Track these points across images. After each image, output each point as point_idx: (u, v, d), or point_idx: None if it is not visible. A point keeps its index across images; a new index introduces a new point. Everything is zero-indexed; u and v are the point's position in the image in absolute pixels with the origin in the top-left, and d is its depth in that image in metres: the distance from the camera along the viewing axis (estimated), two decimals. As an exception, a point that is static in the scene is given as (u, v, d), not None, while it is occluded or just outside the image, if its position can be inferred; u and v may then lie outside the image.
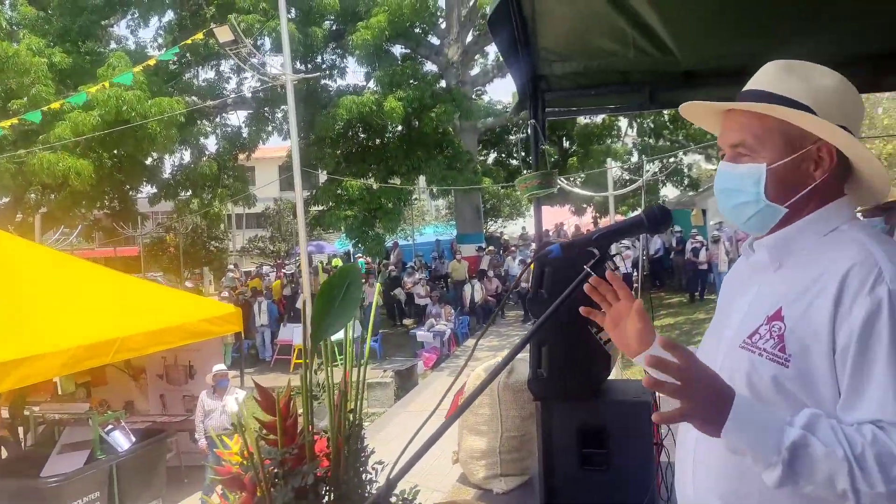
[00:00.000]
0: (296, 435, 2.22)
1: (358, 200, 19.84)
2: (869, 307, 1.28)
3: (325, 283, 2.19)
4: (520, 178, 4.76)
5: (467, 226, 25.22)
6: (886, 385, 1.25)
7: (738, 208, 1.48)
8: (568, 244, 1.55)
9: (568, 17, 4.30)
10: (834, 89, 1.46)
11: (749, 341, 1.42)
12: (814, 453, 1.20)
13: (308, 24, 20.16)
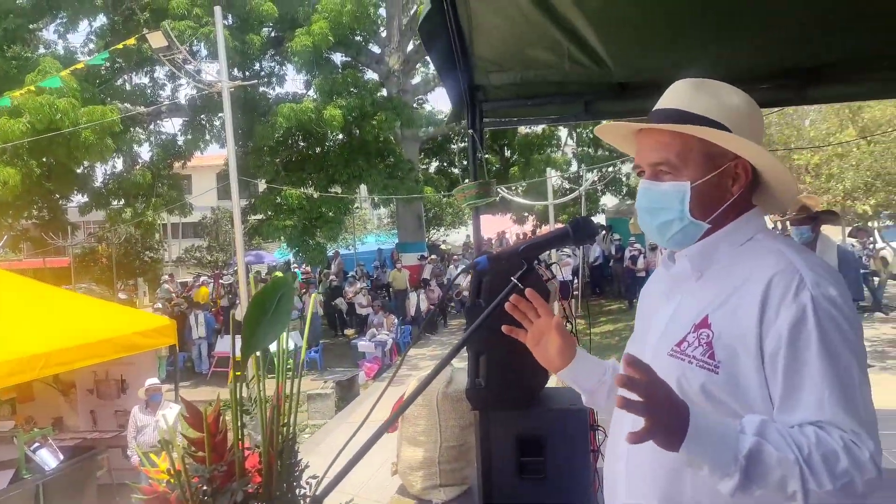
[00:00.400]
0: (225, 451, 2.16)
1: (298, 209, 19.63)
2: (795, 313, 1.33)
3: (256, 295, 2.15)
4: (458, 187, 4.77)
5: (409, 235, 25.19)
6: (821, 387, 1.29)
7: (663, 226, 1.51)
8: (495, 256, 1.55)
9: (504, 27, 4.33)
10: (743, 107, 1.51)
11: (678, 349, 1.44)
12: (768, 459, 1.23)
13: (245, 30, 19.90)
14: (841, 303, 1.35)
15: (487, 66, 4.61)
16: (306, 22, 19.91)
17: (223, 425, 2.22)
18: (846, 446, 1.25)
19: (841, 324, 1.33)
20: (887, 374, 10.38)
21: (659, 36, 4.29)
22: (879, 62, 4.46)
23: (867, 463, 1.25)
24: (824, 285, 1.36)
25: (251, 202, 22.56)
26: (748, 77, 4.51)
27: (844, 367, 1.31)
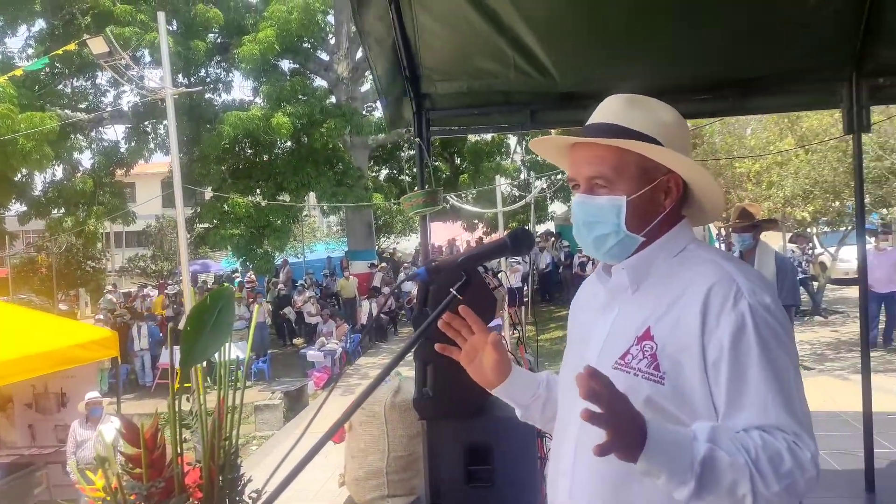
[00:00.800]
0: (164, 467, 2.11)
1: (245, 218, 19.38)
2: (735, 321, 1.36)
3: (195, 307, 2.11)
4: (406, 196, 4.77)
5: (359, 242, 25.07)
6: (764, 392, 1.34)
7: (599, 239, 1.52)
8: (434, 267, 1.55)
9: (450, 37, 4.36)
10: (673, 123, 1.54)
11: (622, 362, 1.45)
12: (720, 465, 1.25)
13: (190, 36, 19.62)
14: (775, 310, 1.40)
15: (434, 75, 4.63)
16: (253, 29, 19.72)
17: (162, 440, 2.17)
18: (789, 448, 1.29)
19: (777, 330, 1.38)
20: (826, 376, 10.67)
21: (603, 47, 4.37)
22: (810, 75, 4.61)
23: (808, 463, 1.29)
24: (759, 294, 1.40)
25: (197, 210, 22.20)
26: (688, 88, 4.63)
27: (783, 372, 1.36)
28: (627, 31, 4.26)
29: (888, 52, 4.42)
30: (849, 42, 4.41)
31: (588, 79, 4.56)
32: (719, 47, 4.37)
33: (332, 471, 4.62)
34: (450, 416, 3.53)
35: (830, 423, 6.58)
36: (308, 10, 19.49)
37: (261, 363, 16.80)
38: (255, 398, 13.51)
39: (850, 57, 4.49)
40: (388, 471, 4.08)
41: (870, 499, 4.78)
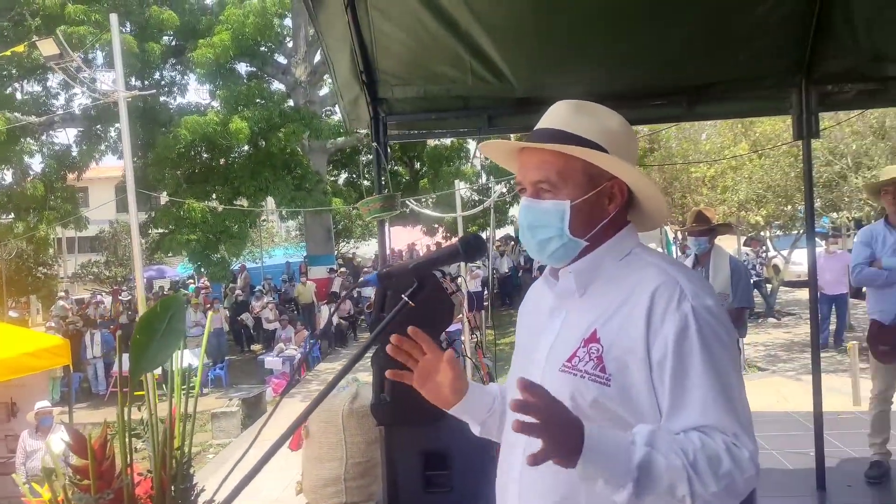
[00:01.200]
0: (113, 478, 2.07)
1: (201, 223, 19.12)
2: (678, 322, 1.39)
3: (145, 315, 2.07)
4: (363, 200, 4.75)
5: (318, 247, 24.89)
6: (705, 393, 1.36)
7: (543, 243, 1.53)
8: (385, 274, 1.54)
9: (407, 42, 4.36)
10: (619, 130, 1.55)
11: (569, 365, 1.47)
12: (658, 468, 1.28)
13: (145, 39, 19.33)
14: (717, 312, 1.43)
15: (391, 79, 4.63)
16: (208, 32, 19.50)
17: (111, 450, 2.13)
18: (728, 448, 1.32)
19: (719, 332, 1.41)
20: (779, 377, 10.88)
21: (559, 53, 4.41)
22: (761, 82, 4.70)
23: (746, 462, 1.32)
24: (702, 296, 1.43)
25: (152, 215, 21.85)
26: (642, 93, 4.69)
27: (724, 373, 1.39)
28: (583, 37, 4.31)
29: (836, 59, 4.53)
30: (798, 50, 4.51)
31: (545, 84, 4.59)
32: (672, 54, 4.44)
33: (289, 478, 4.57)
34: (407, 422, 3.52)
35: (783, 423, 6.70)
36: (264, 14, 19.34)
37: (218, 370, 16.57)
38: (212, 405, 13.32)
39: (800, 64, 4.59)
40: (346, 477, 4.06)
41: (821, 496, 4.87)
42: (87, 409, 15.14)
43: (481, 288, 18.87)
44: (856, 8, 4.25)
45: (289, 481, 4.60)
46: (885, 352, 4.94)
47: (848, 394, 8.36)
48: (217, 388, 16.02)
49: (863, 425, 5.37)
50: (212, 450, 11.62)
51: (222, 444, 11.77)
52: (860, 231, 5.49)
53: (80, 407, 14.95)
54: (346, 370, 1.47)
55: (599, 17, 4.18)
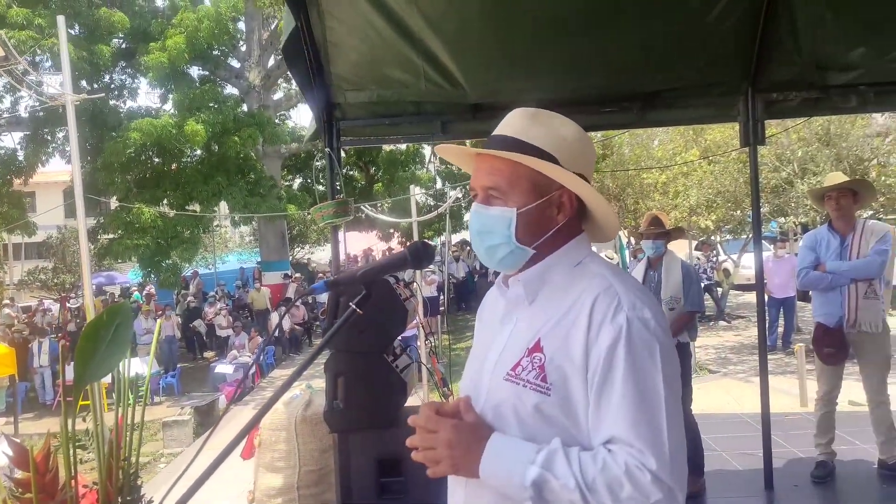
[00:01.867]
0: (57, 491, 2.02)
1: (151, 228, 18.79)
2: (612, 334, 1.39)
3: (90, 323, 2.03)
4: (316, 206, 4.71)
5: (272, 253, 24.66)
6: (621, 406, 1.36)
7: (492, 249, 1.55)
8: (333, 282, 1.54)
9: (360, 47, 4.35)
10: (573, 139, 1.56)
11: (513, 373, 1.48)
12: (553, 487, 1.33)
13: (94, 41, 18.95)
14: (654, 325, 1.42)
15: (344, 84, 4.61)
16: (160, 35, 19.20)
17: (54, 462, 2.08)
18: (628, 471, 1.32)
19: (652, 345, 1.40)
20: (729, 379, 11.08)
21: (512, 60, 4.44)
22: (710, 90, 4.80)
23: (648, 486, 1.32)
24: (640, 308, 1.43)
25: (100, 221, 21.41)
26: (594, 101, 4.76)
27: (648, 388, 1.38)
28: (535, 45, 4.35)
29: (781, 68, 4.64)
30: (744, 59, 4.62)
31: (498, 90, 4.62)
32: (623, 61, 4.51)
33: (241, 488, 4.50)
34: (361, 428, 3.50)
35: (733, 425, 6.82)
36: (218, 18, 19.12)
37: (170, 378, 16.30)
38: (164, 414, 13.08)
39: (746, 73, 4.70)
40: (299, 485, 4.02)
41: (768, 496, 4.97)
42: (33, 419, 14.75)
43: (437, 293, 18.88)
44: (799, 19, 4.37)
45: (240, 490, 4.53)
46: (829, 354, 5.06)
47: (795, 395, 8.55)
48: (169, 396, 15.74)
49: (809, 426, 5.50)
50: (163, 459, 11.40)
51: (174, 453, 11.56)
52: (805, 236, 5.62)
53: (26, 417, 14.56)
54: (294, 377, 1.45)
55: (552, 25, 4.22)
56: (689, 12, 4.24)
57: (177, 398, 15.33)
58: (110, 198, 20.34)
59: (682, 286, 5.13)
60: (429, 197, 27.24)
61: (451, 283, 21.43)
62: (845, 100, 4.81)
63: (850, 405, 6.77)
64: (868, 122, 13.93)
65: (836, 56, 4.53)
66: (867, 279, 4.96)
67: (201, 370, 18.10)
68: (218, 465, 1.50)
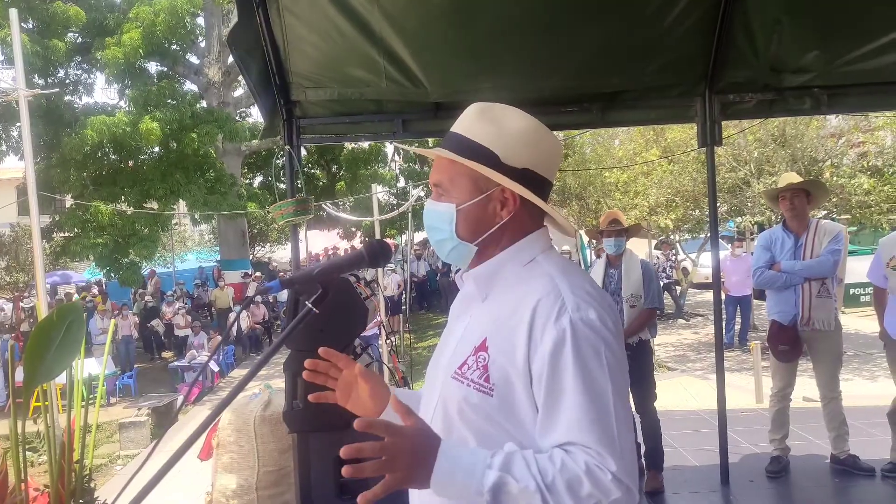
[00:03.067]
0: (6, 494, 1.97)
1: (109, 227, 18.45)
2: (555, 336, 1.37)
3: (40, 324, 1.99)
4: (276, 204, 4.68)
5: (232, 251, 24.40)
6: (573, 409, 1.35)
7: (439, 244, 1.57)
8: (288, 280, 1.52)
9: (320, 44, 4.33)
10: (524, 132, 1.53)
11: (459, 372, 1.47)
12: (511, 491, 1.29)
13: (48, 35, 18.55)
14: (599, 326, 1.40)
15: (304, 82, 4.58)
16: (116, 29, 18.86)
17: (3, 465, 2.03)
18: (588, 470, 1.31)
19: (598, 347, 1.38)
20: (687, 376, 11.24)
21: (472, 59, 4.46)
22: (668, 91, 4.86)
23: (609, 484, 1.31)
24: (584, 308, 1.40)
25: (56, 219, 20.97)
26: (554, 100, 4.79)
27: (597, 389, 1.36)
28: (496, 45, 4.37)
29: (737, 70, 4.72)
30: (702, 60, 4.69)
31: (459, 89, 4.63)
32: (583, 62, 4.55)
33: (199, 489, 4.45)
34: (320, 428, 3.48)
35: (690, 422, 6.92)
36: (175, 12, 18.82)
37: (126, 378, 16.03)
38: (121, 415, 12.86)
39: (703, 75, 4.77)
40: (258, 486, 3.98)
41: (724, 492, 5.06)
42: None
43: (398, 292, 18.86)
44: (755, 22, 4.45)
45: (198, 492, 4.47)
46: (784, 351, 5.16)
47: (751, 391, 8.71)
48: (126, 396, 15.49)
49: (764, 422, 5.61)
50: (119, 461, 11.21)
51: (131, 455, 11.37)
52: (760, 235, 5.72)
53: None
54: (250, 376, 1.44)
55: (513, 25, 4.24)
56: (649, 14, 4.29)
57: (134, 399, 15.09)
58: (66, 195, 19.94)
59: (643, 284, 5.20)
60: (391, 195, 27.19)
61: (412, 281, 21.43)
62: (800, 102, 4.91)
63: (803, 401, 6.92)
64: (822, 124, 14.22)
65: (791, 59, 4.61)
66: (820, 278, 5.06)
67: (159, 371, 17.85)
68: (172, 466, 1.47)
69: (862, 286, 14.75)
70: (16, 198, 26.21)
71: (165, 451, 1.67)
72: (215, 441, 4.10)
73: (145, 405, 13.00)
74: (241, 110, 24.86)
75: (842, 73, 4.65)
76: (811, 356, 5.26)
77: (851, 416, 5.35)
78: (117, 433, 11.88)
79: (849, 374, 9.69)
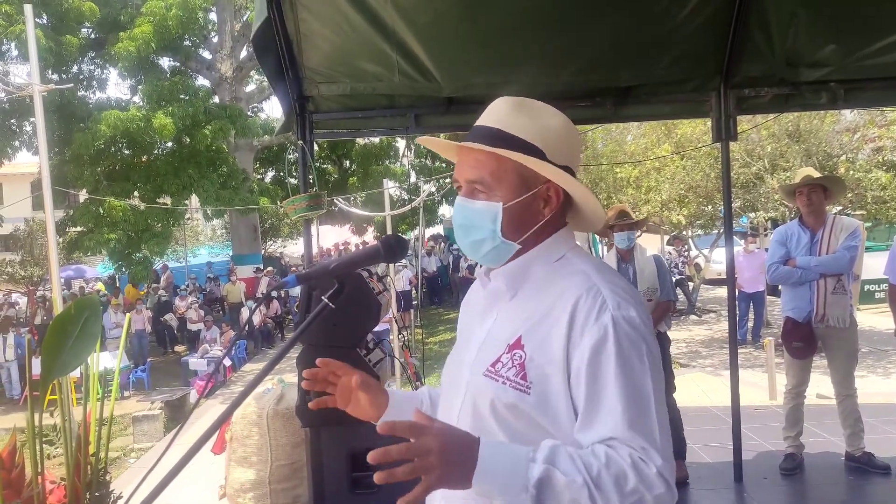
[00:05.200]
0: (23, 487, 1.99)
1: (122, 222, 18.55)
2: (596, 334, 1.37)
3: (57, 318, 1.99)
4: (288, 199, 4.68)
5: (244, 246, 24.49)
6: (616, 405, 1.34)
7: (476, 244, 1.51)
8: (304, 275, 1.51)
9: (333, 39, 4.32)
10: (559, 129, 1.51)
11: (492, 370, 1.45)
12: (557, 485, 1.25)
13: (62, 31, 18.64)
14: (639, 323, 1.40)
15: (317, 77, 4.58)
16: (130, 24, 18.93)
17: (20, 458, 2.04)
18: (634, 464, 1.30)
19: (638, 344, 1.38)
20: (699, 372, 11.20)
21: (485, 53, 4.44)
22: (682, 85, 4.83)
23: (654, 478, 1.30)
24: (625, 307, 1.40)
25: (69, 213, 21.09)
26: (567, 95, 4.76)
27: (639, 386, 1.36)
28: (509, 39, 4.34)
29: (753, 65, 4.68)
30: (716, 55, 4.65)
31: (472, 84, 4.61)
32: (595, 56, 4.53)
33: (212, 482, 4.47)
34: (333, 422, 3.48)
35: (703, 418, 6.89)
36: (187, 7, 18.87)
37: (140, 372, 16.15)
38: (134, 409, 12.95)
39: (718, 69, 4.73)
40: (271, 480, 4.00)
41: (738, 489, 5.03)
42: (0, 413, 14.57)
43: (409, 287, 18.88)
44: (771, 16, 4.41)
45: (212, 485, 4.50)
46: (798, 348, 5.13)
47: (764, 388, 8.67)
48: (139, 390, 15.59)
49: (778, 419, 5.57)
50: (133, 454, 11.29)
51: (144, 448, 11.45)
52: (776, 230, 5.68)
53: (-10, 413, 14.41)
54: (265, 371, 1.43)
55: (526, 19, 4.22)
56: (663, 8, 4.26)
57: (147, 392, 15.19)
58: (79, 190, 20.05)
59: (658, 277, 5.19)
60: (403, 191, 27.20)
61: (423, 277, 21.43)
62: (816, 96, 4.86)
63: (818, 398, 6.87)
64: (837, 119, 14.11)
65: (808, 53, 4.57)
66: (836, 274, 5.02)
67: (172, 364, 17.96)
68: (188, 460, 1.47)
69: (877, 283, 14.65)
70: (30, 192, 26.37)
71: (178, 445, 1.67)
72: (228, 435, 4.12)
73: (158, 399, 13.09)
74: (253, 105, 24.93)
75: (858, 68, 4.60)
76: (826, 353, 5.21)
77: (866, 413, 5.31)
78: (131, 426, 11.97)
79: (863, 371, 9.63)
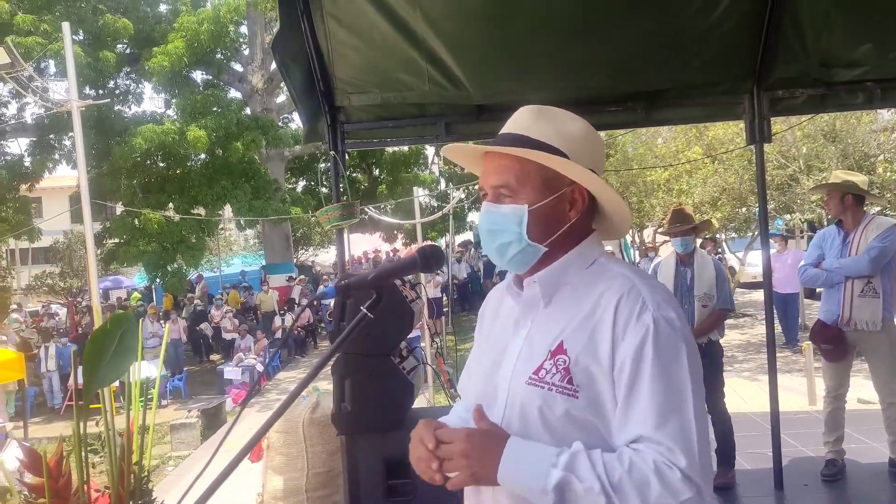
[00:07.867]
0: (70, 495, 2.03)
1: (157, 233, 18.84)
2: (638, 332, 1.39)
3: (96, 332, 2.03)
4: (322, 209, 4.72)
5: (277, 255, 24.73)
6: (648, 404, 1.35)
7: (502, 248, 1.53)
8: (343, 286, 1.53)
9: (363, 49, 4.36)
10: (581, 134, 1.54)
11: (536, 377, 1.45)
12: (576, 490, 1.30)
13: (99, 47, 19.02)
14: (679, 325, 1.42)
15: (348, 87, 4.62)
16: (164, 40, 19.26)
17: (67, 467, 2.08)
18: (657, 469, 1.31)
19: (678, 345, 1.40)
20: (736, 378, 11.04)
21: (514, 61, 4.44)
22: (715, 88, 4.79)
23: (679, 484, 1.31)
24: (665, 308, 1.42)
25: (106, 226, 21.45)
26: (598, 100, 4.75)
27: (675, 387, 1.37)
28: (538, 45, 4.34)
29: (786, 66, 4.63)
30: (749, 57, 4.61)
31: (501, 91, 4.62)
32: (627, 61, 4.50)
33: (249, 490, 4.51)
34: (368, 430, 3.51)
35: (741, 424, 6.77)
36: (218, 21, 19.15)
37: (176, 381, 16.34)
38: (171, 417, 13.10)
39: (751, 70, 4.68)
40: (307, 488, 4.02)
41: (778, 496, 4.95)
42: (42, 423, 14.82)
43: (441, 294, 18.89)
44: (804, 16, 4.36)
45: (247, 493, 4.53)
46: (827, 350, 5.04)
47: (803, 393, 8.53)
48: (176, 399, 15.79)
49: (818, 424, 5.47)
50: (171, 462, 11.42)
51: (182, 455, 11.58)
52: (816, 234, 5.61)
53: (34, 421, 14.63)
54: (306, 381, 1.45)
55: (555, 25, 4.21)
56: (694, 10, 4.23)
57: (183, 401, 15.37)
58: (116, 203, 20.40)
59: (716, 283, 5.11)
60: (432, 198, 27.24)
61: (453, 284, 21.43)
62: (851, 96, 4.79)
63: (859, 403, 6.74)
64: (874, 119, 13.88)
65: (842, 53, 4.51)
66: (861, 276, 4.88)
67: (207, 373, 18.15)
68: (232, 470, 1.49)
69: (917, 284, 14.32)
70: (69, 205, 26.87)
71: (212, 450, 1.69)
72: (265, 443, 4.15)
73: (195, 407, 13.23)
74: (284, 116, 25.19)
75: (895, 66, 4.53)
76: (865, 357, 5.12)
77: (910, 418, 5.20)
78: (168, 434, 12.11)
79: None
